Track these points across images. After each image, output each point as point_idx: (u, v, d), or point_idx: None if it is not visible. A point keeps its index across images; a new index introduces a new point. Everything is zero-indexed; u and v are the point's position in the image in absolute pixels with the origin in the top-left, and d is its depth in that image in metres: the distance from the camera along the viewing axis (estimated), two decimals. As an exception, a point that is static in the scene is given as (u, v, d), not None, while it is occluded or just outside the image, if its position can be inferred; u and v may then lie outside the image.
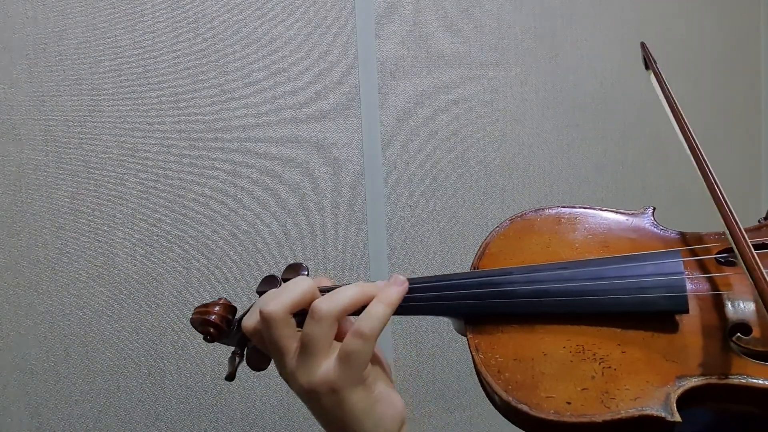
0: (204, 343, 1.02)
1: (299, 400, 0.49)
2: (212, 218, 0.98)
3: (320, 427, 0.49)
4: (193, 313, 0.57)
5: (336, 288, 0.50)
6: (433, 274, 0.53)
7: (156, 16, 0.94)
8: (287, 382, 0.48)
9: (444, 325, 1.14)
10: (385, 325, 0.47)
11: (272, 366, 0.54)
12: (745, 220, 0.51)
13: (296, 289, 0.48)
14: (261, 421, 1.01)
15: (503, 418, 0.47)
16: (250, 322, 0.51)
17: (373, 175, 1.08)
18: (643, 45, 0.63)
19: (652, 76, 0.61)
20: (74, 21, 0.90)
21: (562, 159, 1.23)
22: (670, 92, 0.58)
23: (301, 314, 0.48)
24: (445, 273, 0.53)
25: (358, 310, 0.48)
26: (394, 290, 0.49)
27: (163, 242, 0.96)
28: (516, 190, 1.19)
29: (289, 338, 0.47)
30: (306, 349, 0.46)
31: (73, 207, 0.91)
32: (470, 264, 0.56)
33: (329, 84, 1.04)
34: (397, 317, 0.51)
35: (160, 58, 0.94)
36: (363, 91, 1.06)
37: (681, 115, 0.56)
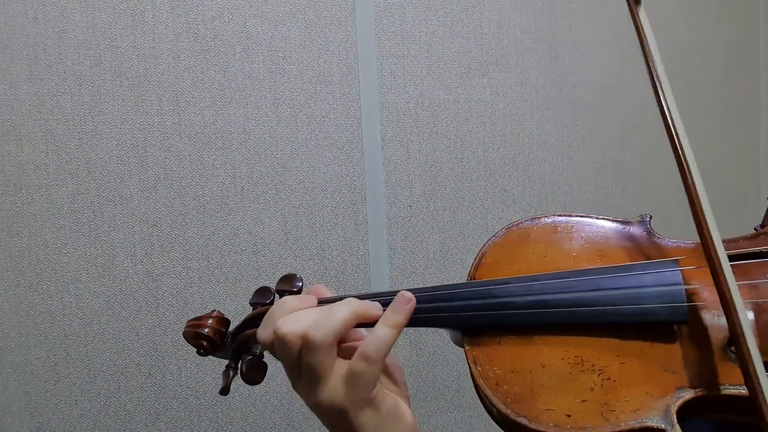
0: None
1: (299, 400, 0.49)
2: (212, 218, 0.98)
3: (320, 427, 0.49)
4: (185, 327, 0.56)
5: (334, 300, 0.49)
6: (430, 285, 0.53)
7: (156, 16, 0.94)
8: (299, 395, 0.49)
9: (444, 325, 1.14)
10: (391, 346, 0.46)
11: (273, 365, 0.54)
12: (746, 221, 0.50)
13: (304, 318, 0.46)
14: (261, 421, 1.01)
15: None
16: (264, 336, 0.50)
17: (373, 175, 1.08)
18: None
19: (641, 11, 0.59)
20: (74, 21, 0.90)
21: (562, 159, 1.23)
22: (647, 41, 0.57)
23: None
24: (442, 284, 0.52)
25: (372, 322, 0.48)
26: (401, 311, 0.48)
27: (163, 242, 0.96)
28: (516, 190, 1.19)
29: (296, 362, 0.46)
30: (309, 375, 0.45)
31: (73, 207, 0.91)
32: (468, 269, 0.55)
33: (329, 84, 1.04)
34: None
35: (160, 58, 0.94)
36: (363, 91, 1.06)
37: (653, 63, 0.54)
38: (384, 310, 0.48)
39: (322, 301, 0.50)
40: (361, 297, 0.51)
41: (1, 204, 0.88)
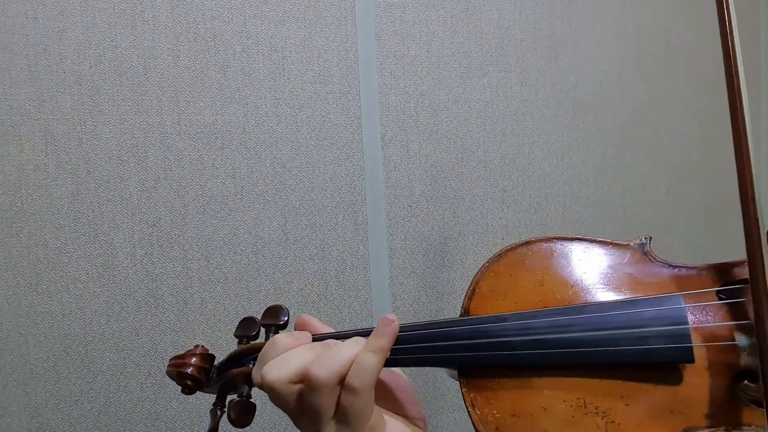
0: (205, 343, 1.02)
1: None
2: (212, 218, 0.98)
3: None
4: (168, 365, 0.53)
5: (328, 335, 0.47)
6: (421, 321, 0.50)
7: (156, 16, 0.94)
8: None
9: (444, 325, 1.14)
10: (378, 373, 0.44)
11: (261, 401, 0.53)
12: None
13: (295, 362, 0.44)
14: (261, 421, 1.01)
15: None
16: (258, 381, 0.48)
17: (373, 175, 1.08)
18: None
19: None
20: (74, 21, 0.90)
21: (562, 159, 1.23)
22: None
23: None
24: (435, 320, 0.50)
25: None
26: (383, 334, 0.45)
27: (163, 242, 0.96)
28: (516, 191, 1.19)
29: (295, 401, 0.45)
30: (310, 414, 0.44)
31: (73, 207, 0.91)
32: (468, 270, 0.54)
33: (329, 84, 1.04)
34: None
35: (160, 58, 0.94)
36: (363, 91, 1.06)
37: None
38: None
39: (316, 338, 0.48)
40: (345, 334, 0.48)
41: (0, 204, 0.88)
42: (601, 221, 1.26)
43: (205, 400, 0.98)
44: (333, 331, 0.52)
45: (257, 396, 0.52)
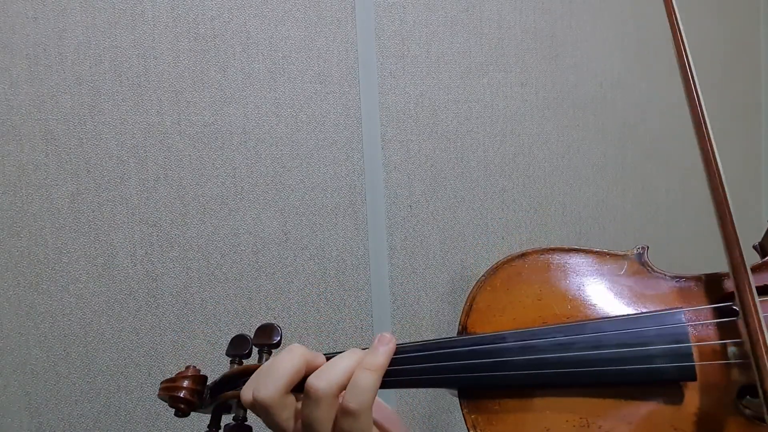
0: (204, 343, 1.02)
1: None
2: (212, 218, 0.98)
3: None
4: (159, 389, 0.52)
5: (322, 359, 0.46)
6: (418, 341, 0.49)
7: (156, 16, 0.94)
8: None
9: (444, 325, 1.14)
10: (375, 393, 0.43)
11: (256, 425, 0.52)
12: (746, 221, 0.49)
13: (289, 366, 0.44)
14: (261, 421, 1.01)
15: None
16: (247, 399, 0.47)
17: (373, 175, 1.08)
18: None
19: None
20: (74, 21, 0.90)
21: (563, 159, 1.23)
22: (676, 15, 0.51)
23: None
24: (434, 340, 0.49)
25: None
26: (379, 353, 0.44)
27: (163, 242, 0.96)
28: (516, 191, 1.19)
29: (289, 420, 0.43)
30: (308, 430, 0.43)
31: (73, 207, 0.91)
32: (468, 270, 0.54)
33: (329, 84, 1.04)
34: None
35: (160, 58, 0.94)
36: (363, 91, 1.06)
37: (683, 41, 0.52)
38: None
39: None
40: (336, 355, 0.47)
41: (0, 204, 0.88)
42: (601, 221, 1.26)
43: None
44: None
45: (252, 420, 0.51)
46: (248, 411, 0.50)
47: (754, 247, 0.55)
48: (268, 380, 0.43)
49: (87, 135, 0.91)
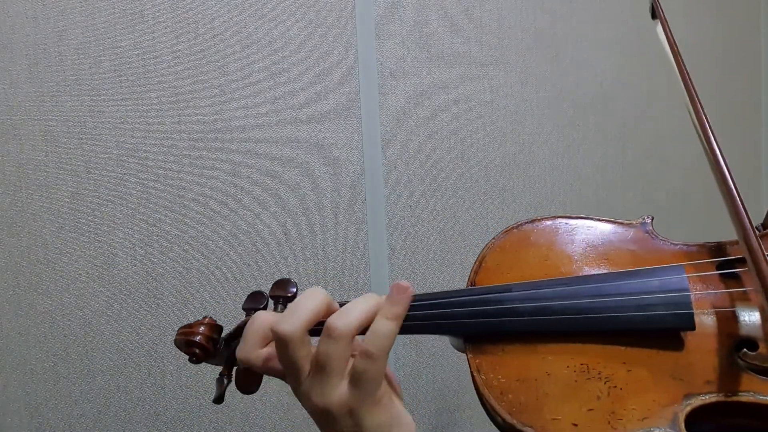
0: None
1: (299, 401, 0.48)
2: (212, 218, 0.98)
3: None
4: (176, 334, 0.54)
5: (338, 306, 0.48)
6: (430, 290, 0.51)
7: (156, 16, 0.94)
8: (300, 400, 0.46)
9: (444, 325, 1.14)
10: (393, 340, 0.45)
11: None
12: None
13: (311, 305, 0.45)
14: (261, 421, 1.01)
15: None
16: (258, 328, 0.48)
17: (373, 175, 1.08)
18: None
19: (659, 26, 0.59)
20: (74, 21, 0.90)
21: (563, 159, 1.23)
22: (675, 45, 0.55)
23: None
24: (443, 290, 0.51)
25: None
26: (398, 301, 0.46)
27: (163, 242, 0.96)
28: (516, 190, 1.19)
29: (306, 358, 0.44)
30: (322, 369, 0.43)
31: (73, 207, 0.91)
32: (468, 270, 0.54)
33: (329, 84, 1.04)
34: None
35: (160, 58, 0.94)
36: (363, 91, 1.06)
37: (685, 68, 0.54)
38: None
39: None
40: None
41: (0, 204, 0.88)
42: (602, 221, 1.26)
43: (205, 400, 0.98)
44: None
45: (260, 394, 0.51)
46: None
47: (756, 228, 0.55)
48: (292, 315, 0.44)
49: (87, 135, 0.91)
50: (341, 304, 0.47)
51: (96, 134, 0.92)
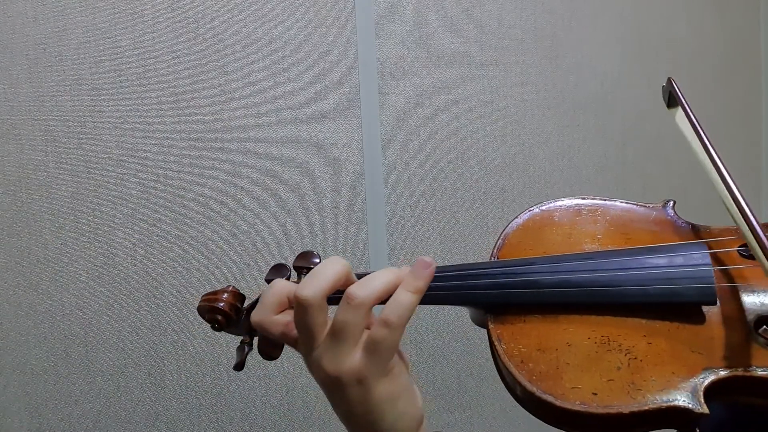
0: (204, 343, 1.02)
1: (299, 401, 0.48)
2: (212, 218, 0.98)
3: (319, 427, 0.49)
4: (200, 300, 0.55)
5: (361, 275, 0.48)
6: (454, 263, 0.52)
7: (156, 16, 0.94)
8: (310, 369, 0.47)
9: (444, 325, 1.14)
10: (413, 312, 0.46)
11: (272, 365, 0.53)
12: None
13: (332, 272, 0.46)
14: (261, 421, 1.01)
15: (503, 418, 0.46)
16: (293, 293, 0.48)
17: (373, 175, 1.08)
18: (670, 80, 0.60)
19: (680, 112, 0.60)
20: (74, 21, 0.90)
21: (563, 159, 1.23)
22: (702, 131, 0.55)
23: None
24: (464, 263, 0.52)
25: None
26: (421, 276, 0.47)
27: (163, 242, 0.96)
28: (516, 190, 1.19)
29: (323, 325, 0.45)
30: (337, 336, 0.44)
31: (73, 207, 0.91)
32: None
33: (329, 84, 1.04)
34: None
35: (160, 58, 0.94)
36: (363, 91, 1.06)
37: (714, 154, 0.53)
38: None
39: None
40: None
41: (0, 204, 0.88)
42: (602, 221, 1.26)
43: (205, 400, 0.98)
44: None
45: (260, 394, 0.51)
46: None
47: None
48: (314, 280, 0.45)
49: (87, 135, 0.91)
50: (359, 276, 0.48)
51: (96, 134, 0.92)
